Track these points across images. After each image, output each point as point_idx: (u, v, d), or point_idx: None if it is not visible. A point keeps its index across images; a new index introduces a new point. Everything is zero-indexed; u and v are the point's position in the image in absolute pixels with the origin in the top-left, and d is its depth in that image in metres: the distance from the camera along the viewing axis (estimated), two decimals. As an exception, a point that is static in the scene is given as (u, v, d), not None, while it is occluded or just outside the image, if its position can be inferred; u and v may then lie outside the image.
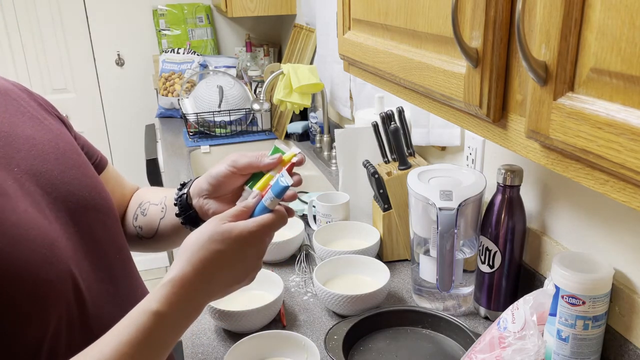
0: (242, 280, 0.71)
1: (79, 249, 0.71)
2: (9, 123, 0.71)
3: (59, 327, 0.65)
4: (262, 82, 2.53)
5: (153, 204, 0.92)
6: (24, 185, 0.67)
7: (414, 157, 1.30)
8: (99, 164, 0.89)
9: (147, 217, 0.91)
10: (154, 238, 0.91)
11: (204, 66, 2.76)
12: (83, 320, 0.69)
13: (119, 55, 2.98)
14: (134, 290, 0.82)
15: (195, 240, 0.67)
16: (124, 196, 0.97)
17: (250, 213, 0.71)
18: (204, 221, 0.86)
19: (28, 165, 0.69)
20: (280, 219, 0.71)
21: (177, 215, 0.86)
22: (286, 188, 0.70)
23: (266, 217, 0.70)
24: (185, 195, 0.85)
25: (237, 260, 0.68)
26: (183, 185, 0.88)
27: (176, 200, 0.86)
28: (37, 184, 0.69)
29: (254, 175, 0.80)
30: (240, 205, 0.72)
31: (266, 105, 2.13)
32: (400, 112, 1.26)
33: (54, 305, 0.64)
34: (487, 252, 1.03)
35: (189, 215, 0.85)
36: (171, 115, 2.76)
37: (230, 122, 2.42)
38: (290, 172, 0.74)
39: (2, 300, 0.58)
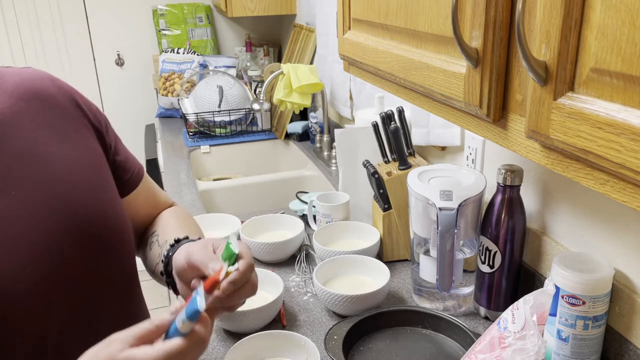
0: None
1: (60, 282, 0.68)
2: (31, 138, 0.69)
3: None
4: (262, 82, 2.53)
5: (157, 245, 0.86)
6: (20, 211, 0.66)
7: (414, 157, 1.30)
8: (132, 180, 0.85)
9: (151, 252, 0.87)
10: (153, 274, 0.88)
11: (203, 66, 2.75)
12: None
13: (118, 55, 2.98)
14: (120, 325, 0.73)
15: None
16: (149, 215, 0.92)
17: (161, 334, 0.60)
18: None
19: (32, 187, 0.67)
20: (196, 345, 0.59)
21: (161, 273, 0.82)
22: (198, 312, 0.59)
23: (174, 344, 0.58)
24: (169, 259, 0.79)
25: None
26: (177, 242, 0.81)
27: (162, 259, 0.81)
28: (36, 209, 0.67)
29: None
30: (152, 322, 0.60)
31: (266, 105, 2.12)
32: (400, 112, 1.26)
33: (21, 339, 0.63)
34: (487, 252, 1.03)
35: (172, 280, 0.79)
36: (171, 115, 2.76)
37: (230, 122, 2.42)
38: (213, 289, 0.63)
39: None
